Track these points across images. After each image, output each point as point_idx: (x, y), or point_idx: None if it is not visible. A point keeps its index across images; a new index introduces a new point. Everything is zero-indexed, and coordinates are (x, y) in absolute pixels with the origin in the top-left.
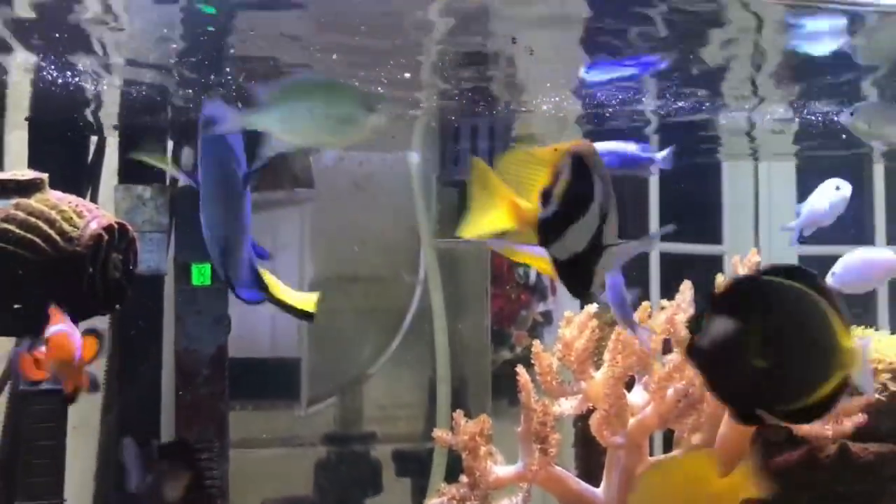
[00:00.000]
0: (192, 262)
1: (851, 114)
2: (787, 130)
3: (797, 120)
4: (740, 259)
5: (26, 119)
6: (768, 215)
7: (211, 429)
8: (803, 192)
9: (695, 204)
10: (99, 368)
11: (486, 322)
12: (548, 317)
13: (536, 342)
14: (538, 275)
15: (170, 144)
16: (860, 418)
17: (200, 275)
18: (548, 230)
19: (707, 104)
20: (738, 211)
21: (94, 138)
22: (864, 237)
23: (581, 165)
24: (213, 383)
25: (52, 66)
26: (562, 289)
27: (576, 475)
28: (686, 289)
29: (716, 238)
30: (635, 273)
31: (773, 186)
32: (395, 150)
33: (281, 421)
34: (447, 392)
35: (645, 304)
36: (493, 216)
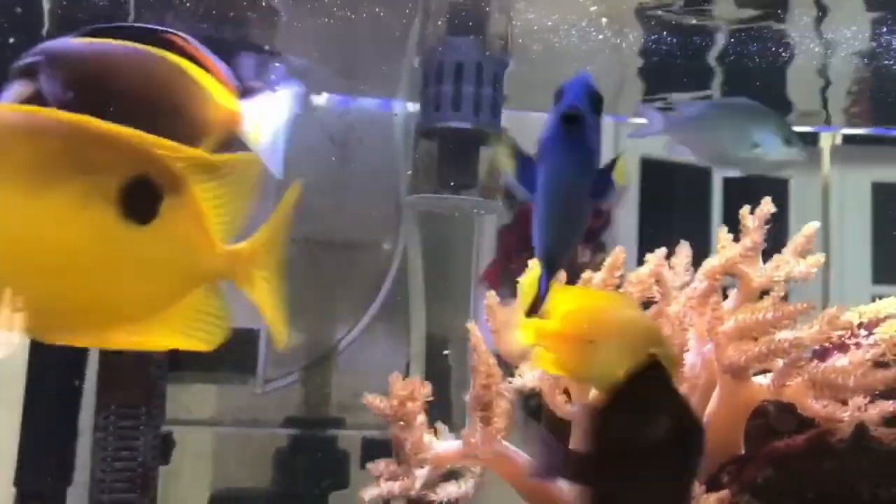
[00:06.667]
0: None
1: None
2: None
3: None
4: None
5: None
6: (839, 229)
7: (136, 393)
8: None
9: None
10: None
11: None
12: None
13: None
14: None
15: None
16: (889, 405)
17: None
18: None
19: None
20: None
21: None
22: None
23: None
24: None
25: None
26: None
27: None
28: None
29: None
30: None
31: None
32: (378, 97)
33: (233, 398)
34: (420, 371)
35: None
36: None
